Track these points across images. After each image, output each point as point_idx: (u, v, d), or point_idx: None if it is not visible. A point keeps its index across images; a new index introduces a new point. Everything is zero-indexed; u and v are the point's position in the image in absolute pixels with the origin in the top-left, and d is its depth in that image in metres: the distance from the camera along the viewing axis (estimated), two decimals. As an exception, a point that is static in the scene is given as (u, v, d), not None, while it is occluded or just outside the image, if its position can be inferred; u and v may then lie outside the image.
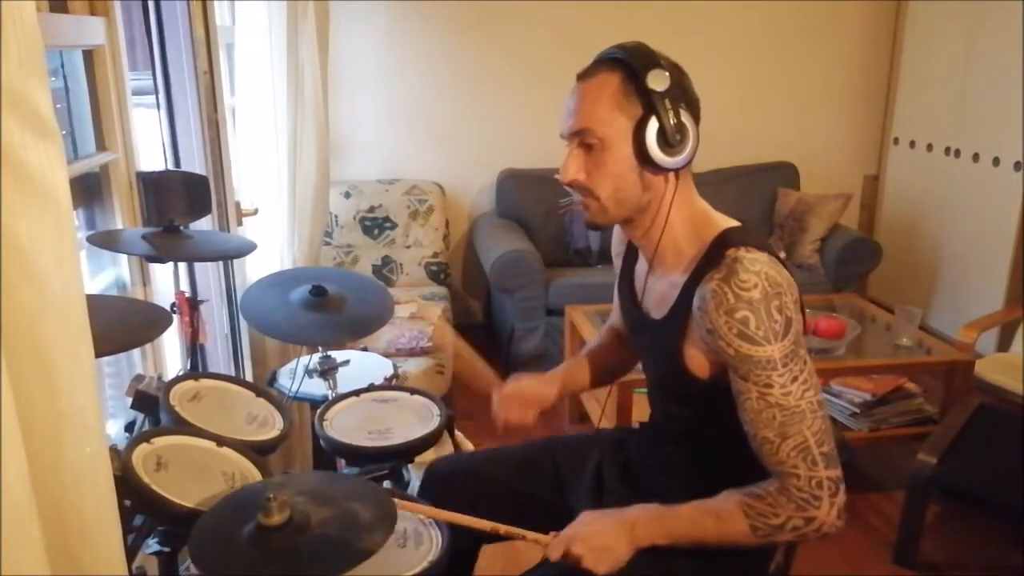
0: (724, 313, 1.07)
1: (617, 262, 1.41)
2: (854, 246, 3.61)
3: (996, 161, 3.45)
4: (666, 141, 1.11)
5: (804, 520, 1.07)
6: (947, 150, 3.75)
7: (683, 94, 1.14)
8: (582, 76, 1.17)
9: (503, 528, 1.18)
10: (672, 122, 1.11)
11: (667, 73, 1.11)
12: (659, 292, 1.24)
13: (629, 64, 1.12)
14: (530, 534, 1.17)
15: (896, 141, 4.13)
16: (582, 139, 1.15)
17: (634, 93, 1.12)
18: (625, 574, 1.15)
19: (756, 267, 1.07)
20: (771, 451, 1.09)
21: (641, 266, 1.31)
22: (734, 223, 1.20)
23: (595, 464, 1.43)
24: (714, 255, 1.12)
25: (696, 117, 1.16)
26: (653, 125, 1.11)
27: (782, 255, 3.79)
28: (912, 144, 4.01)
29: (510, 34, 3.81)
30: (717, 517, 1.12)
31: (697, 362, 1.17)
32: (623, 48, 1.14)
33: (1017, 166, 3.33)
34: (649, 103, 1.11)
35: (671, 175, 1.17)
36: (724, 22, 3.94)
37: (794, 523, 1.08)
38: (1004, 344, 3.32)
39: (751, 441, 1.11)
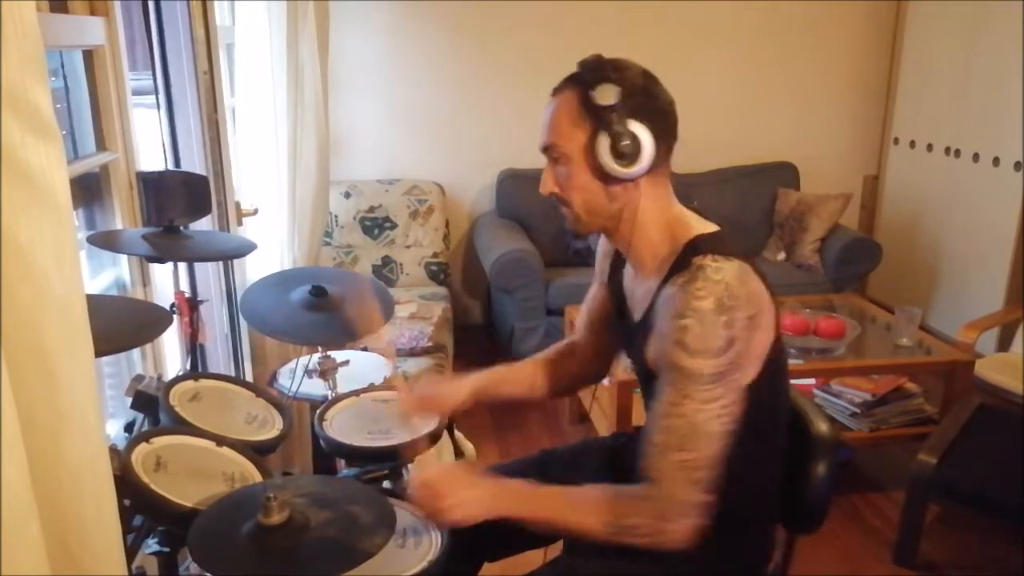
0: (672, 317, 1.07)
1: (602, 278, 1.43)
2: (854, 246, 3.61)
3: (996, 161, 3.45)
4: (618, 153, 1.12)
5: (656, 530, 1.08)
6: (947, 150, 3.75)
7: (636, 104, 1.12)
8: (553, 92, 1.19)
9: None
10: (621, 135, 1.11)
11: (616, 87, 1.11)
12: (639, 296, 1.25)
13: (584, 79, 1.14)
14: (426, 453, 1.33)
15: (896, 141, 4.13)
16: (550, 154, 1.19)
17: (587, 108, 1.13)
18: (619, 575, 1.16)
19: (718, 276, 1.06)
20: (656, 455, 1.08)
21: (628, 272, 1.32)
22: (711, 228, 1.19)
23: (590, 475, 1.42)
24: (683, 260, 1.12)
25: (659, 124, 1.13)
26: (604, 139, 1.12)
27: (781, 256, 3.79)
28: (912, 144, 4.01)
29: (510, 34, 3.81)
30: (573, 508, 1.13)
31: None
32: (580, 63, 1.16)
33: (1017, 166, 3.33)
34: (598, 118, 1.12)
35: (638, 183, 1.16)
36: (724, 22, 3.94)
37: (645, 529, 1.08)
38: (1004, 344, 3.32)
39: (644, 436, 1.11)
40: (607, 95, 1.11)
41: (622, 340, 1.39)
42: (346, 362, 1.92)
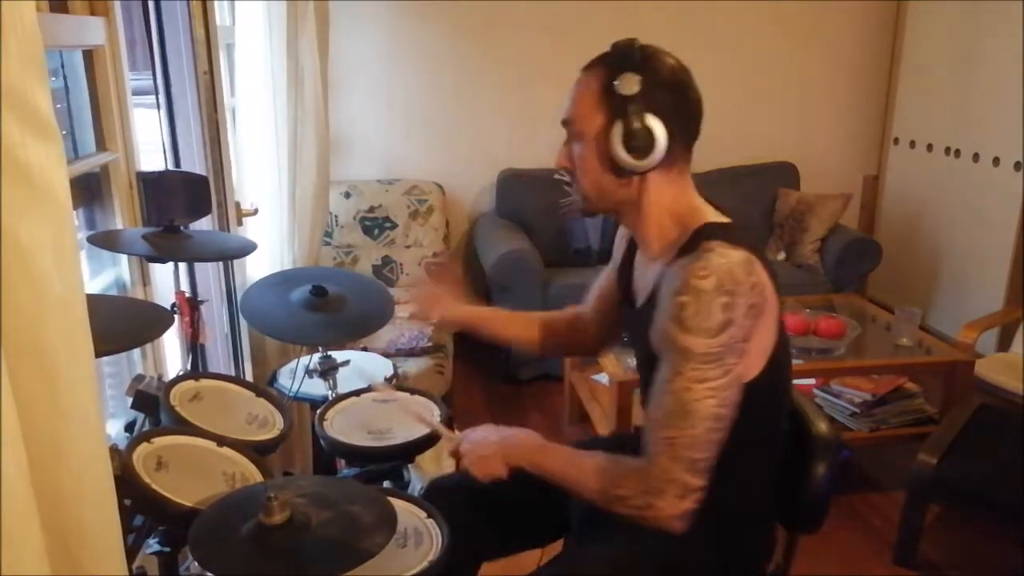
0: (672, 294, 1.07)
1: (616, 256, 1.42)
2: (854, 246, 3.61)
3: (996, 161, 3.45)
4: (630, 146, 1.11)
5: (644, 504, 1.07)
6: (947, 150, 3.75)
7: (659, 98, 1.11)
8: (584, 68, 1.18)
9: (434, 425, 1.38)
10: (636, 127, 1.10)
11: (639, 77, 1.09)
12: (645, 281, 1.25)
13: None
14: (446, 432, 1.36)
15: (896, 141, 4.13)
16: (568, 129, 1.18)
17: (608, 94, 1.12)
18: (623, 571, 1.17)
19: (722, 260, 1.05)
20: (648, 431, 1.09)
21: (639, 257, 1.32)
22: (724, 219, 1.18)
23: None
24: (692, 244, 1.11)
25: (679, 121, 1.13)
26: (618, 129, 1.11)
27: (781, 256, 3.79)
28: (912, 144, 4.01)
29: (510, 34, 3.81)
30: (579, 469, 1.15)
31: None
32: (614, 45, 1.14)
33: (1017, 166, 3.33)
34: (616, 106, 1.11)
35: (648, 176, 1.15)
36: (725, 22, 3.94)
37: (635, 502, 1.08)
38: (1004, 344, 3.32)
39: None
40: (629, 85, 1.09)
41: (625, 325, 1.40)
42: (346, 362, 1.92)
